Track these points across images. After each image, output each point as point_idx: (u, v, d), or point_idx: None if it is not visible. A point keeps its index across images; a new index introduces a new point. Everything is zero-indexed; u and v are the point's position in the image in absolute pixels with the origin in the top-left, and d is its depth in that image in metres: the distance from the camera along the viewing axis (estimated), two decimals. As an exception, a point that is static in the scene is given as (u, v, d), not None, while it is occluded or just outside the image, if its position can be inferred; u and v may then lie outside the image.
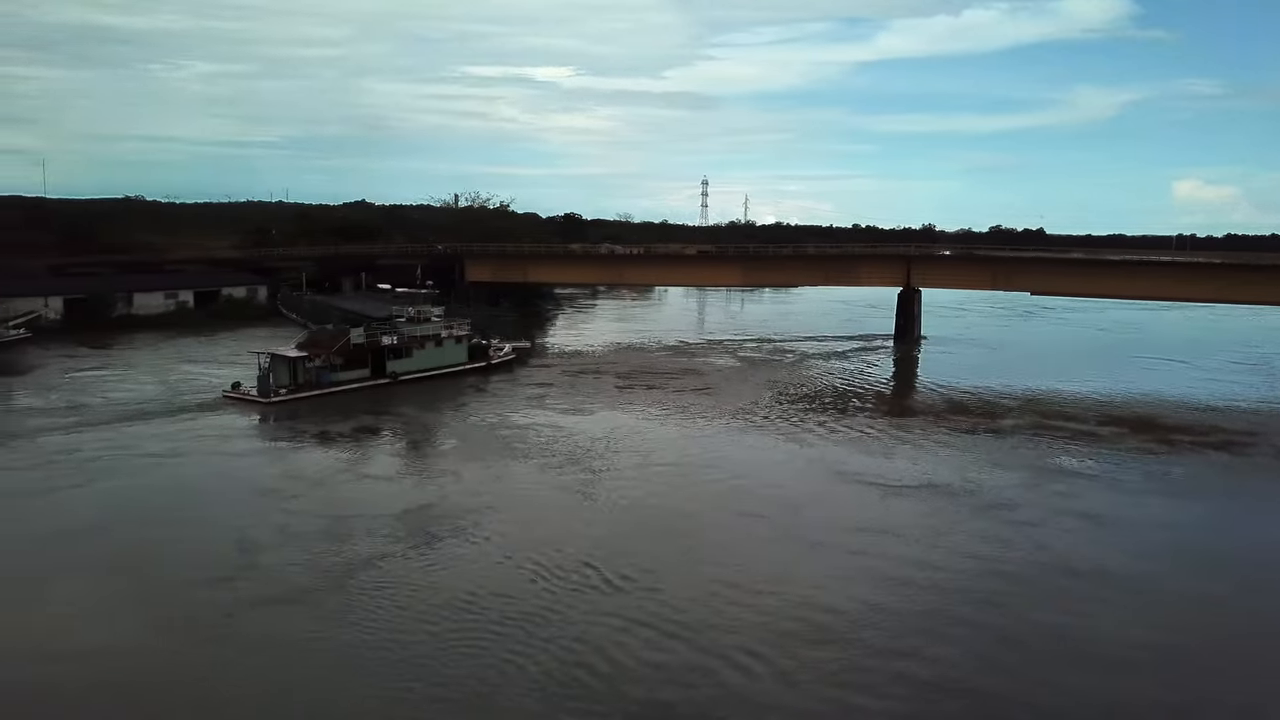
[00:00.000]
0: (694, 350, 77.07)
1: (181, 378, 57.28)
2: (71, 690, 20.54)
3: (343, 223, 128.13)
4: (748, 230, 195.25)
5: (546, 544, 29.46)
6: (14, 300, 73.26)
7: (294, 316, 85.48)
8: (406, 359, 57.96)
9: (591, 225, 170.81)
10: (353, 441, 43.81)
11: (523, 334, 75.95)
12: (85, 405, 48.77)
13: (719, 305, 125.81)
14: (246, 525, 30.97)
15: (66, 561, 27.96)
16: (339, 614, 24.46)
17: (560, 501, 34.51)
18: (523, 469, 38.81)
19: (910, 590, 26.82)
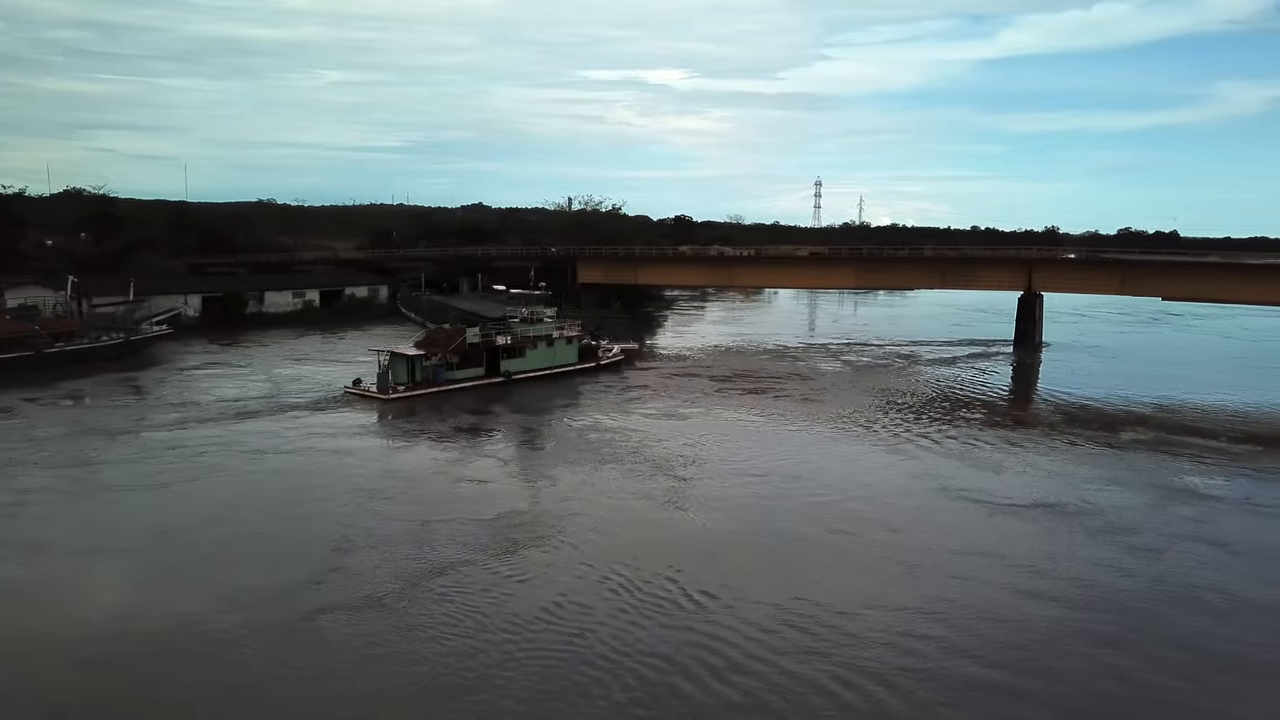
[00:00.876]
0: (801, 354, 76.35)
1: (306, 373, 60.02)
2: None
3: (461, 225, 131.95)
4: (862, 232, 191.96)
5: (630, 555, 28.94)
6: (157, 298, 77.87)
7: (413, 316, 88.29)
8: (519, 358, 59.29)
9: (702, 227, 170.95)
10: (458, 440, 44.63)
11: (632, 335, 76.61)
12: (216, 400, 51.47)
13: (830, 308, 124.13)
14: (341, 525, 31.18)
15: (146, 559, 28.33)
16: (409, 622, 24.12)
17: (647, 510, 33.86)
18: (614, 474, 38.32)
19: (1014, 622, 24.94)
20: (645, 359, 70.17)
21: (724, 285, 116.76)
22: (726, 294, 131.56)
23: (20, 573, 27.32)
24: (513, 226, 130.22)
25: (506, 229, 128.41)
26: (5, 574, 27.25)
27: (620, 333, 74.69)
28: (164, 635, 23.14)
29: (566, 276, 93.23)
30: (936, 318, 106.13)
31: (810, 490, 36.89)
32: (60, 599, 25.47)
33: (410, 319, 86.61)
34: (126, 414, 48.01)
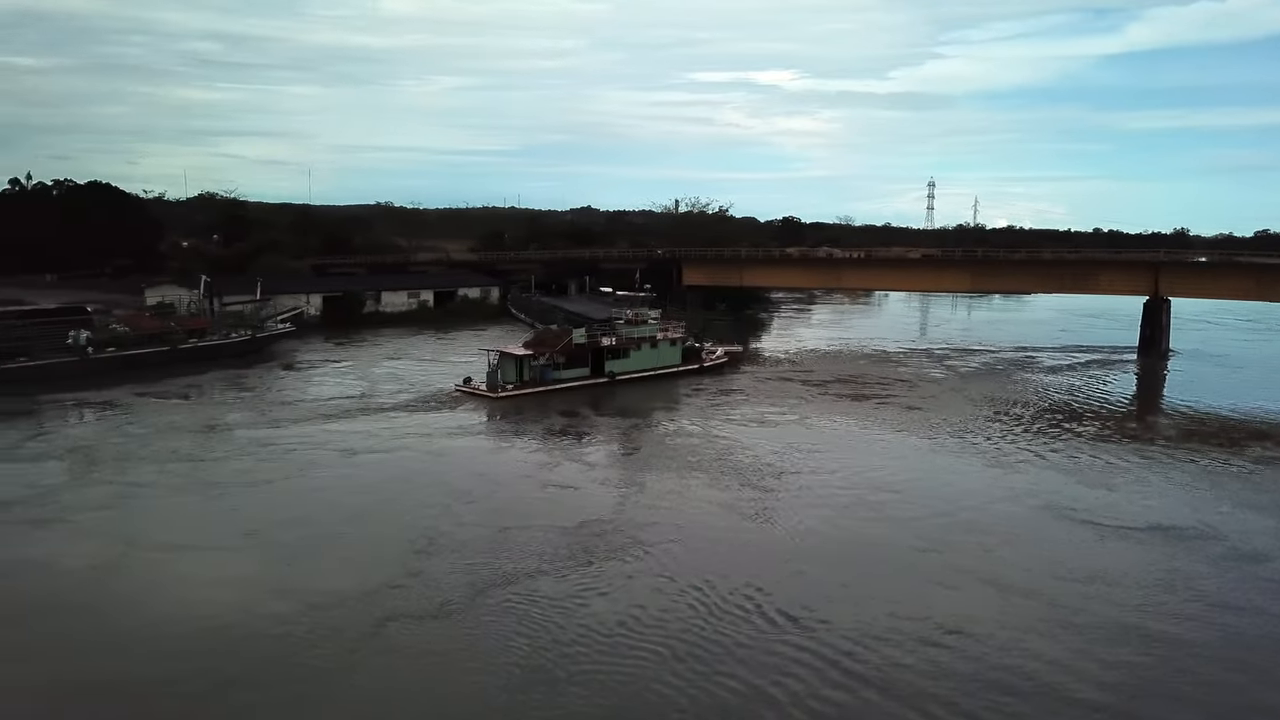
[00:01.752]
0: (907, 359, 74.71)
1: (419, 371, 61.89)
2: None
3: (569, 227, 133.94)
4: (976, 234, 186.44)
5: (711, 568, 27.98)
6: (282, 297, 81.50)
7: (522, 317, 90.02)
8: (624, 359, 59.88)
9: (810, 229, 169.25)
10: (554, 442, 44.85)
11: (736, 338, 76.34)
12: (329, 398, 53.44)
13: (941, 312, 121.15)
14: (425, 528, 31.01)
15: (232, 558, 28.57)
16: (477, 632, 23.70)
17: (732, 522, 32.77)
18: (702, 482, 37.43)
19: (1118, 661, 22.68)
20: (749, 362, 69.90)
21: (832, 288, 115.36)
22: (834, 297, 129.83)
23: (106, 567, 27.79)
24: (620, 229, 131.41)
25: (614, 231, 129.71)
26: (91, 567, 27.66)
27: (724, 335, 74.54)
28: (240, 635, 23.27)
29: (672, 278, 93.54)
30: (1049, 323, 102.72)
31: (903, 504, 35.20)
32: (142, 594, 25.88)
33: (520, 320, 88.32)
34: (242, 409, 50.19)
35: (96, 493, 34.96)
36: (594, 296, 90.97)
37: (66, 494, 34.83)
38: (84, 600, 25.41)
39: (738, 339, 76.17)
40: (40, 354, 56.34)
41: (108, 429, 45.16)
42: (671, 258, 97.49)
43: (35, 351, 56.32)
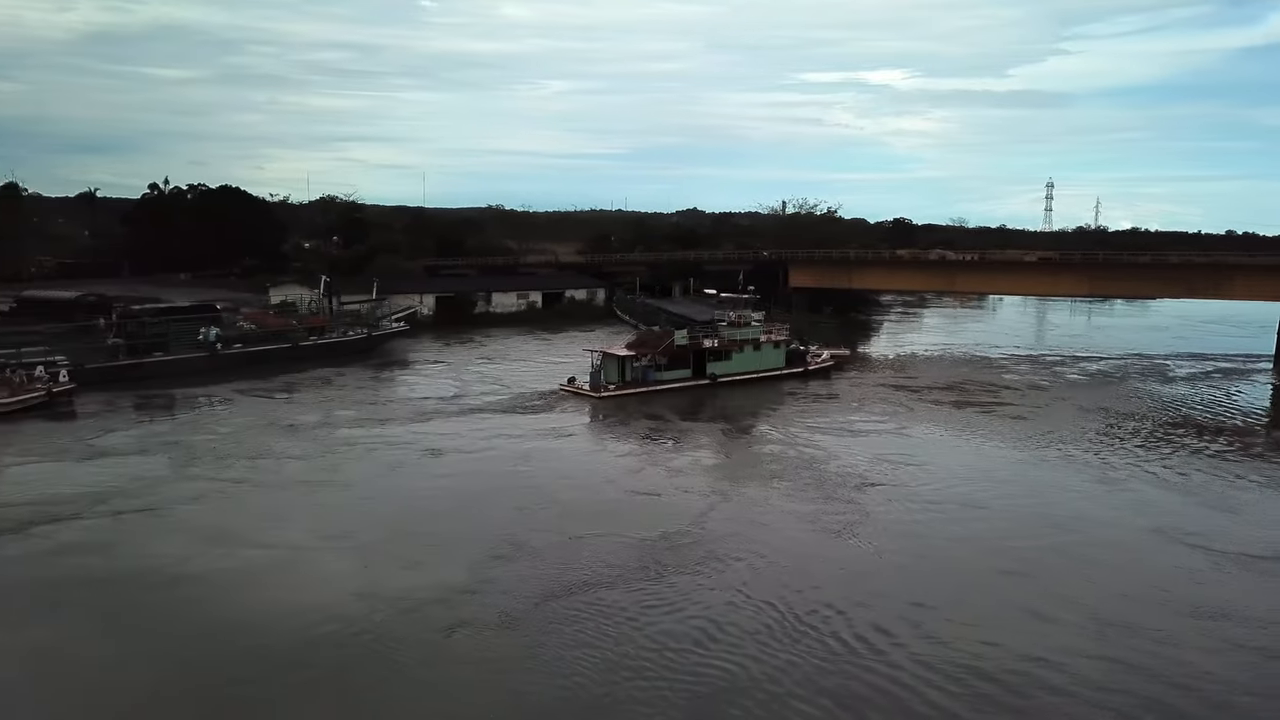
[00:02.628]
0: (1018, 366, 72.27)
1: (525, 371, 63.09)
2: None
3: (675, 230, 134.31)
4: (1098, 236, 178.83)
5: (791, 584, 26.99)
6: (397, 297, 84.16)
7: (627, 318, 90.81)
8: (726, 361, 59.81)
9: (922, 230, 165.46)
10: (647, 445, 44.67)
11: (843, 341, 75.32)
12: (438, 396, 54.82)
13: (1058, 317, 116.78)
14: (503, 532, 30.78)
15: (309, 557, 28.69)
16: (541, 643, 23.16)
17: (815, 537, 31.53)
18: (789, 493, 36.35)
19: (1235, 708, 20.85)
20: (855, 366, 68.82)
21: (944, 291, 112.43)
22: (944, 300, 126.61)
23: (186, 563, 28.19)
24: (725, 231, 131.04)
25: (720, 233, 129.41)
26: (172, 562, 28.19)
27: (831, 338, 73.61)
28: (312, 636, 23.31)
29: (778, 280, 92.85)
30: (1172, 329, 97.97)
31: (997, 522, 33.46)
32: (218, 592, 26.10)
33: (625, 321, 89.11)
34: (349, 407, 51.81)
35: (193, 487, 35.78)
36: (698, 298, 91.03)
37: (165, 487, 35.63)
38: (160, 595, 25.96)
39: (845, 342, 75.13)
40: (174, 349, 59.65)
41: (220, 422, 47.21)
42: (778, 259, 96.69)
43: (170, 347, 59.69)
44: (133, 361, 57.32)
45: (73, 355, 54.95)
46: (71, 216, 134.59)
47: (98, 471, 37.70)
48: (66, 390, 50.07)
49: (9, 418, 45.99)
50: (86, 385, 51.53)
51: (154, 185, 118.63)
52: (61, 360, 53.10)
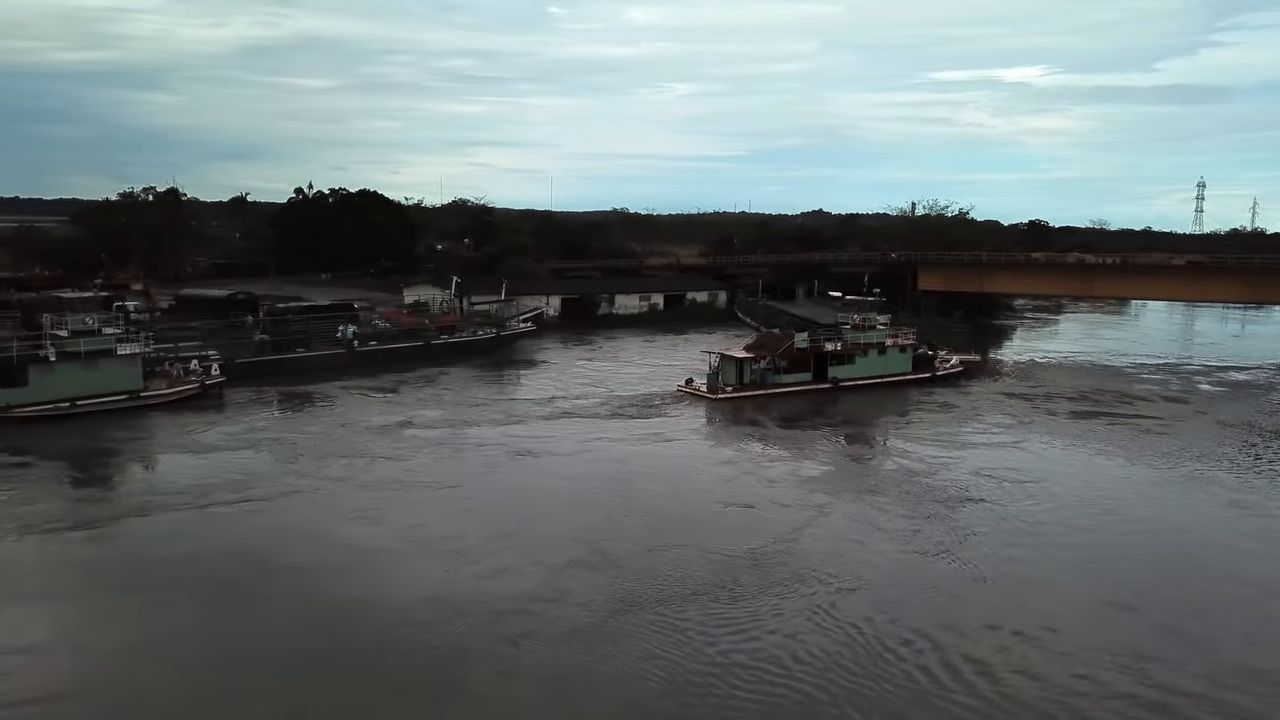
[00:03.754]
0: (1157, 375, 68.54)
1: (645, 371, 63.81)
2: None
3: (799, 231, 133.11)
4: (1253, 239, 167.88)
5: (882, 609, 25.38)
6: (524, 298, 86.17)
7: (748, 320, 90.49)
8: (848, 365, 58.93)
9: (1059, 233, 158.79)
10: (754, 450, 43.70)
11: (973, 346, 73.12)
12: (556, 396, 55.79)
13: (1209, 325, 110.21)
14: (587, 539, 30.16)
15: (386, 561, 28.51)
16: (599, 661, 22.31)
17: (912, 557, 29.66)
18: (889, 509, 34.40)
19: None
20: (987, 372, 66.69)
21: (1082, 295, 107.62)
22: (1081, 306, 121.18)
23: (273, 557, 28.74)
24: (851, 232, 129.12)
25: (845, 235, 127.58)
26: (262, 555, 28.82)
27: (960, 343, 71.60)
28: (382, 642, 23.10)
29: (905, 283, 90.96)
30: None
31: (1109, 547, 30.85)
32: (303, 593, 26.21)
33: (746, 324, 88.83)
34: (471, 403, 53.34)
35: (292, 482, 36.58)
36: (821, 301, 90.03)
37: (267, 483, 36.41)
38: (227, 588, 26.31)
39: (975, 347, 72.93)
40: (315, 346, 62.78)
41: (348, 417, 49.04)
42: (906, 261, 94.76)
43: (311, 343, 62.84)
44: (277, 357, 60.57)
45: (224, 350, 58.44)
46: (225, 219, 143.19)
47: (233, 460, 39.91)
48: (218, 383, 53.32)
49: (166, 407, 49.37)
50: (235, 378, 54.73)
51: (299, 190, 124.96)
52: (214, 355, 56.56)
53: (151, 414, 48.11)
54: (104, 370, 48.46)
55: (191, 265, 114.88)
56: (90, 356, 48.02)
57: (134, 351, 49.98)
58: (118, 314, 53.21)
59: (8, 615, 24.62)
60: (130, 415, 47.43)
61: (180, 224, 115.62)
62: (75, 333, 48.06)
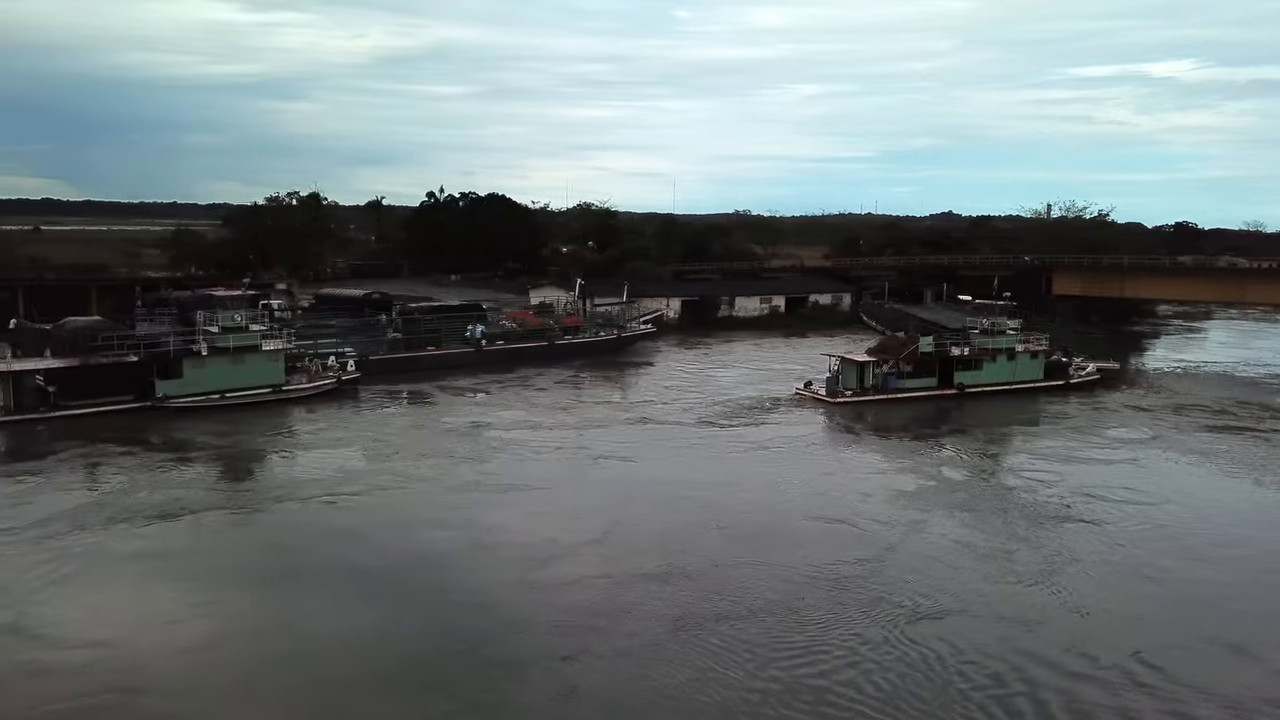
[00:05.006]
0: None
1: (763, 373, 63.55)
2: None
3: (927, 234, 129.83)
4: None
5: (962, 639, 23.58)
6: (645, 300, 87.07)
7: (873, 324, 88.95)
8: (975, 371, 57.25)
9: (1208, 235, 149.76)
10: (865, 459, 42.57)
11: (1111, 354, 69.86)
12: (670, 398, 56.09)
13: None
14: (667, 550, 29.29)
15: (461, 566, 28.18)
16: (647, 679, 21.62)
17: (1010, 586, 27.37)
18: (998, 529, 32.31)
19: None
20: (1122, 381, 63.60)
21: (1233, 302, 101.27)
22: (1232, 313, 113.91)
23: (352, 550, 29.49)
24: (982, 234, 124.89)
25: (975, 237, 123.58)
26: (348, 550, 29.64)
27: (1098, 350, 68.52)
28: (434, 651, 22.97)
29: (1039, 287, 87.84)
30: None
31: (1225, 581, 28.28)
32: (361, 596, 26.15)
33: (871, 327, 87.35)
34: (589, 402, 54.32)
35: (369, 480, 37.34)
36: (950, 305, 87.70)
37: (363, 480, 37.48)
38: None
39: (1114, 356, 69.68)
40: (445, 344, 65.08)
41: (470, 413, 50.71)
42: (1040, 265, 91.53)
43: (441, 342, 65.17)
44: (409, 355, 63.07)
45: (359, 347, 61.24)
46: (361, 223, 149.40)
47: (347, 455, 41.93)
48: (353, 379, 55.86)
49: (305, 400, 52.06)
50: (369, 374, 57.20)
51: (430, 194, 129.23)
52: (350, 351, 59.33)
53: (291, 407, 50.84)
54: (250, 365, 51.46)
55: (330, 266, 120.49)
56: (238, 352, 51.07)
57: (277, 348, 52.92)
58: (263, 312, 56.44)
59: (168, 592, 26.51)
60: (273, 408, 50.27)
61: (321, 227, 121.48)
62: (225, 329, 51.20)
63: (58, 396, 46.38)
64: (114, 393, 47.78)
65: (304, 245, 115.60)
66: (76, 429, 44.33)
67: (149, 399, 48.32)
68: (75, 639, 23.15)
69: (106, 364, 48.18)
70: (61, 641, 23.03)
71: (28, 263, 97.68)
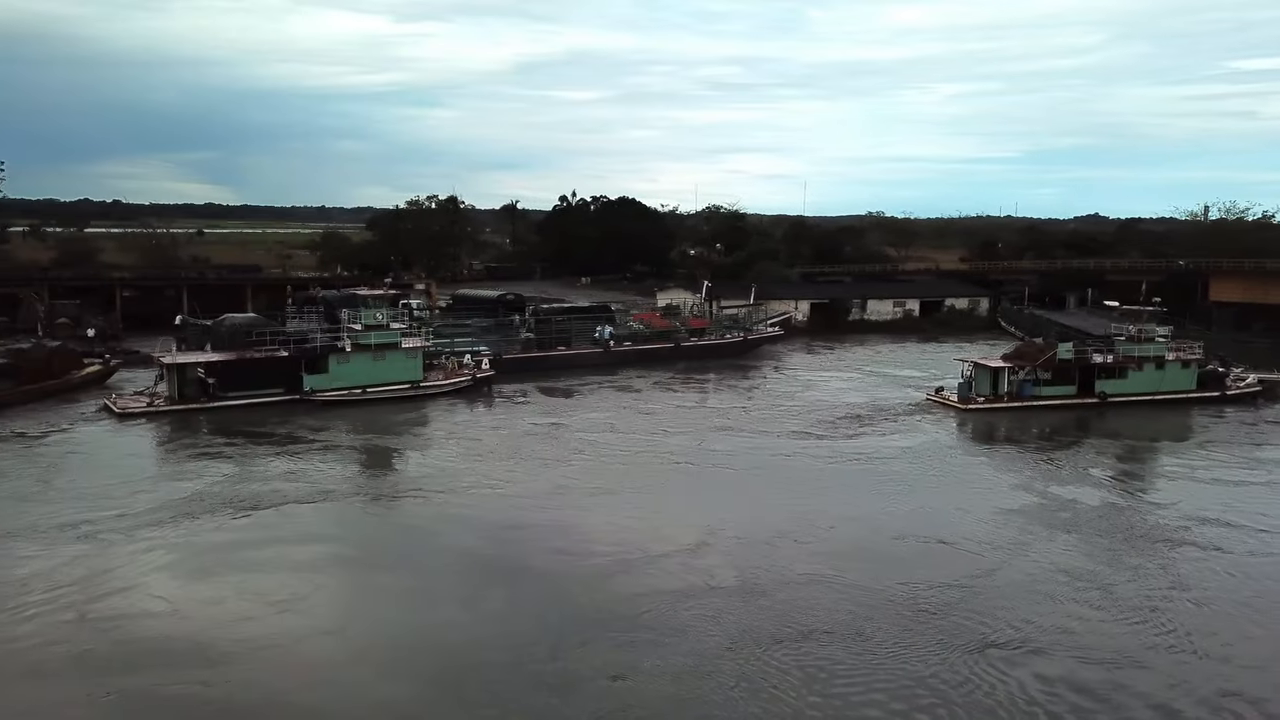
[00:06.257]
0: None
1: (893, 378, 62.47)
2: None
3: (1071, 237, 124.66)
4: None
5: (1041, 680, 21.44)
6: (772, 303, 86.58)
7: (1012, 330, 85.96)
8: (1119, 379, 54.57)
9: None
10: (984, 469, 40.41)
11: (1276, 365, 65.36)
12: (794, 401, 55.49)
13: None
14: (744, 565, 28.07)
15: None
16: (691, 700, 20.64)
17: (1107, 624, 24.62)
18: (1104, 555, 29.52)
19: None
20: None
21: None
22: None
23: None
24: (1130, 238, 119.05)
25: (1123, 240, 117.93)
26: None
27: (1260, 361, 64.23)
28: (478, 661, 22.43)
29: (1194, 293, 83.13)
30: None
31: None
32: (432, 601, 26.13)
33: (1009, 333, 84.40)
34: (712, 405, 54.16)
35: (478, 476, 37.88)
36: (1095, 310, 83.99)
37: (473, 476, 38.04)
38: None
39: (1278, 366, 65.20)
40: (575, 344, 66.56)
41: (597, 412, 51.52)
42: (1195, 269, 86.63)
43: (572, 342, 66.67)
44: (540, 354, 64.75)
45: (493, 346, 63.23)
46: (496, 226, 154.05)
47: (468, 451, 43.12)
48: (487, 377, 57.69)
49: (441, 396, 54.08)
50: (503, 372, 58.94)
51: (563, 197, 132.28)
52: (484, 350, 61.32)
53: (428, 402, 52.87)
54: (391, 361, 53.82)
55: (467, 268, 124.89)
56: (380, 349, 53.49)
57: (416, 345, 55.21)
58: (403, 311, 58.95)
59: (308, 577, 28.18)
60: (411, 403, 52.41)
61: (458, 230, 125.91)
62: (368, 327, 53.73)
63: (216, 388, 49.68)
64: (266, 385, 50.81)
65: (442, 247, 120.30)
66: (233, 418, 47.36)
67: (297, 392, 51.15)
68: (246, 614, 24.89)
69: (260, 358, 51.34)
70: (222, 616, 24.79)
71: (191, 263, 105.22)
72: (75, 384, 53.41)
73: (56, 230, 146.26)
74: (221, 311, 60.89)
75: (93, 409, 49.01)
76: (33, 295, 74.70)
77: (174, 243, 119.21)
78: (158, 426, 46.30)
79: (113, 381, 55.26)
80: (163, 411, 48.29)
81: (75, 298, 75.34)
